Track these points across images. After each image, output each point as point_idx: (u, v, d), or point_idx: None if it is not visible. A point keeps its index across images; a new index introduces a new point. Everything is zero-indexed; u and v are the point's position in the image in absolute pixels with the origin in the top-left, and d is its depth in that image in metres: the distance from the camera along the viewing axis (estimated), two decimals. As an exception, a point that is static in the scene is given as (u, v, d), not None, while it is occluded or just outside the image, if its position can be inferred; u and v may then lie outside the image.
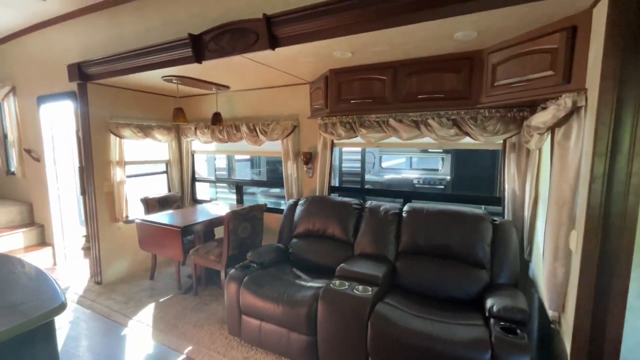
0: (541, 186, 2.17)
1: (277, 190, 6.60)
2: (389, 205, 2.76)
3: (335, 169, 3.75)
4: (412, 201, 2.97)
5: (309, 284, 2.42)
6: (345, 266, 2.37)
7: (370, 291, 2.08)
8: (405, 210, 2.62)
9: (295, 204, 3.14)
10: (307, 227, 2.94)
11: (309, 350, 2.16)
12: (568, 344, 1.55)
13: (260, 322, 2.33)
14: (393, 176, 6.42)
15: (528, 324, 1.81)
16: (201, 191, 4.60)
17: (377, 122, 2.77)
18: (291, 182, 3.46)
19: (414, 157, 6.43)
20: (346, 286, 2.15)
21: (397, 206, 2.72)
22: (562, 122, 1.60)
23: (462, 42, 2.00)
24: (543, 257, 1.82)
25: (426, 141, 2.77)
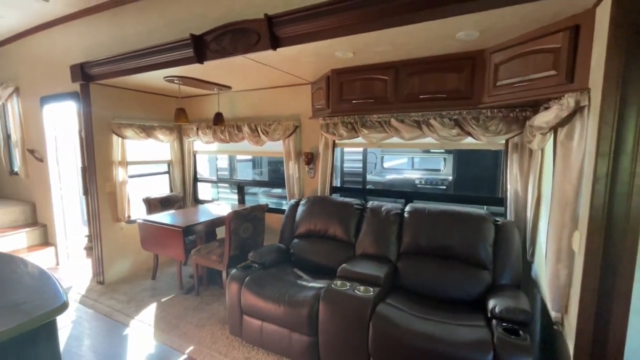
0: (544, 187, 2.16)
1: (279, 191, 6.61)
2: (390, 205, 2.75)
3: (336, 169, 3.74)
4: (414, 201, 2.96)
5: (311, 284, 2.42)
6: (346, 266, 2.37)
7: (372, 292, 2.08)
8: (407, 210, 2.62)
9: (297, 204, 3.14)
10: (308, 228, 2.94)
11: (310, 350, 2.16)
12: (571, 345, 1.54)
13: (261, 323, 2.33)
14: (395, 176, 6.40)
15: (530, 325, 1.80)
16: (203, 191, 4.61)
17: (379, 122, 2.77)
18: (293, 183, 3.46)
19: (415, 157, 6.42)
20: (347, 287, 2.15)
21: (399, 206, 2.72)
22: (565, 122, 1.59)
23: (464, 41, 2.00)
24: (546, 258, 1.81)
25: (428, 141, 2.76)
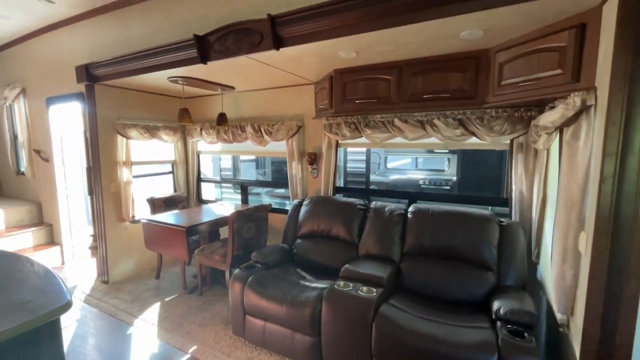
0: (549, 187, 2.14)
1: (282, 191, 6.62)
2: (394, 205, 2.74)
3: (340, 170, 3.74)
4: (418, 202, 2.95)
5: (313, 284, 2.41)
6: (349, 267, 2.36)
7: (375, 292, 2.07)
8: (411, 211, 2.60)
9: (300, 204, 3.14)
10: (311, 228, 2.94)
11: (313, 351, 2.15)
12: (577, 348, 1.52)
13: (264, 323, 2.33)
14: (398, 177, 6.37)
15: (536, 327, 1.78)
16: (206, 191, 4.63)
17: (382, 122, 2.76)
18: (296, 183, 3.46)
19: (419, 157, 6.39)
20: (350, 287, 2.14)
21: (402, 207, 2.70)
22: (571, 121, 1.57)
23: (467, 41, 1.98)
24: (551, 259, 1.79)
25: (432, 141, 2.74)
